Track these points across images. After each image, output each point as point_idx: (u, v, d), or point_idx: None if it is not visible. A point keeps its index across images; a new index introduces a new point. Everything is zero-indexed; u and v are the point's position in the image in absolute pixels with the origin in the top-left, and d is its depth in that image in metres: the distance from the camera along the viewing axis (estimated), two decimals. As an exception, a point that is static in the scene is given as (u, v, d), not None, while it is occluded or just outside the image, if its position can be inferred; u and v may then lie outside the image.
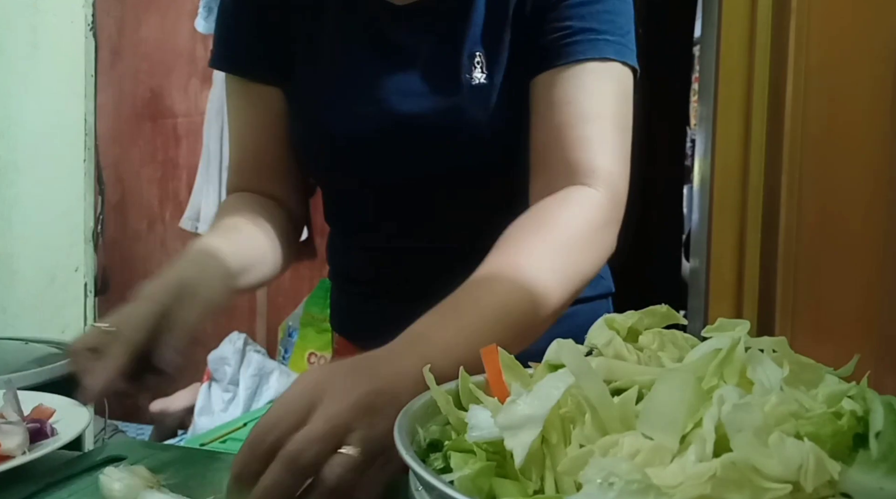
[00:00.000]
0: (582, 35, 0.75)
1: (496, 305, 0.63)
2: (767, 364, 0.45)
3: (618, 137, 0.76)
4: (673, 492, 0.36)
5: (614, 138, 0.75)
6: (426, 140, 0.80)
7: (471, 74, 0.78)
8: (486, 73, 0.78)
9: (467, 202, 0.83)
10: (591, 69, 0.75)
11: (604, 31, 0.75)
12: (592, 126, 0.74)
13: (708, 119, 1.57)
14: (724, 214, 1.54)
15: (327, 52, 0.83)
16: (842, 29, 1.39)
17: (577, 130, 0.74)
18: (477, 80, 0.78)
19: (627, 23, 0.78)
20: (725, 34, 1.52)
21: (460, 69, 0.78)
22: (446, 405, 0.51)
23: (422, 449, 0.48)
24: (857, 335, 1.34)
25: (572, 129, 0.74)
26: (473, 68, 0.78)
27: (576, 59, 0.75)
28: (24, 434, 0.68)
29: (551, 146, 0.75)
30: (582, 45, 0.75)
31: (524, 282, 0.65)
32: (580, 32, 0.75)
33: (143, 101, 3.18)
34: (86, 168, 3.03)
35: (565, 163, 0.74)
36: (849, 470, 0.38)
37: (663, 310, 0.58)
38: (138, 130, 3.19)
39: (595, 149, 0.74)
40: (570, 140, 0.74)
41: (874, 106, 1.32)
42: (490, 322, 0.62)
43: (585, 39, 0.75)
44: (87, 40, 3.08)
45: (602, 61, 0.75)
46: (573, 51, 0.75)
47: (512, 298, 0.64)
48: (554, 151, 0.75)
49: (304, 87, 0.84)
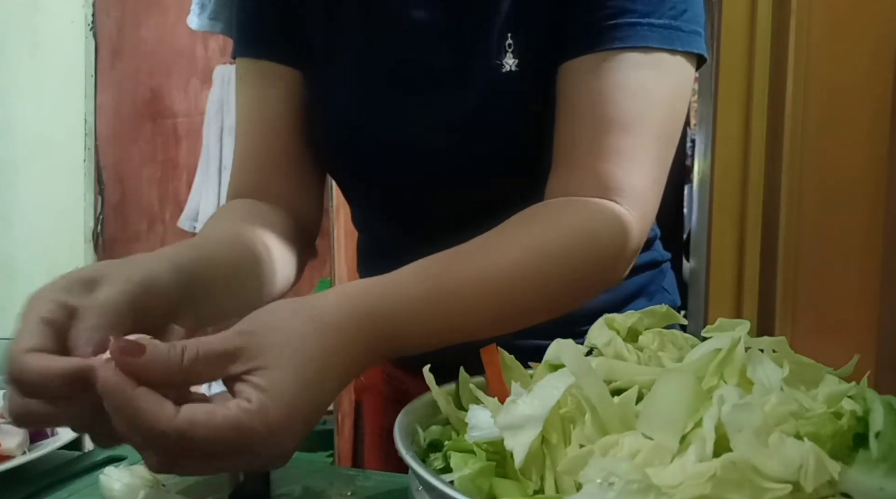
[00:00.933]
0: (622, 17, 0.64)
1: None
2: (767, 364, 0.45)
3: (658, 151, 0.66)
4: (673, 492, 0.36)
5: (653, 153, 0.66)
6: (447, 135, 0.73)
7: (501, 61, 0.69)
8: (518, 59, 0.69)
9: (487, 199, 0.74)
10: (634, 61, 0.64)
11: (649, 12, 0.64)
12: (629, 136, 0.64)
13: (708, 119, 1.56)
14: (724, 214, 1.54)
15: (344, 37, 0.77)
16: (842, 29, 1.39)
17: (612, 137, 0.64)
18: (508, 66, 0.69)
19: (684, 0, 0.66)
20: (725, 34, 1.51)
21: (489, 55, 0.70)
22: (446, 405, 0.51)
23: (422, 449, 0.48)
24: (857, 335, 1.35)
25: (607, 135, 0.64)
26: (504, 54, 0.70)
27: (612, 46, 0.65)
28: (24, 434, 0.68)
29: (580, 149, 0.66)
30: (622, 31, 0.64)
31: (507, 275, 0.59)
32: (621, 14, 0.64)
33: (143, 101, 3.18)
34: (86, 168, 3.03)
35: (594, 172, 0.65)
36: (849, 470, 0.38)
37: (663, 310, 0.58)
38: (138, 130, 3.19)
39: (629, 165, 0.64)
40: (603, 148, 0.64)
41: (874, 106, 1.32)
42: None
43: (626, 23, 0.64)
44: (87, 40, 3.08)
45: (645, 52, 0.64)
46: (611, 36, 0.65)
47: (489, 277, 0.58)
48: (583, 154, 0.66)
49: (323, 79, 0.79)
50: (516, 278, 0.59)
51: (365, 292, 0.53)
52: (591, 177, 0.65)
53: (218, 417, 0.41)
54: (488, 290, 0.57)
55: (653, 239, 0.85)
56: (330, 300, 0.51)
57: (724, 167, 1.53)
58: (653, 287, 0.85)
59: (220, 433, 0.41)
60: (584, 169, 0.65)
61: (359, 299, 0.52)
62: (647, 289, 0.84)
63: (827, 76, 1.41)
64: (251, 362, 0.44)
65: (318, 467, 0.68)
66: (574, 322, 0.63)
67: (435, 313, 0.55)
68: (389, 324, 0.52)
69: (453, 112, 0.72)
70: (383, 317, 0.52)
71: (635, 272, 0.71)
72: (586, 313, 0.63)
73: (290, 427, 0.44)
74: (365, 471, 0.67)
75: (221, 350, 0.44)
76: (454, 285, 0.56)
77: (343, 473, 0.67)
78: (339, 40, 0.78)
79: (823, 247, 1.41)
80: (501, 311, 0.59)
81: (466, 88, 0.71)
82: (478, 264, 0.58)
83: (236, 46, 0.82)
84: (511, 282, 0.58)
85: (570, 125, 0.67)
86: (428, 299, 0.55)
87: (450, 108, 0.72)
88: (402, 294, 0.54)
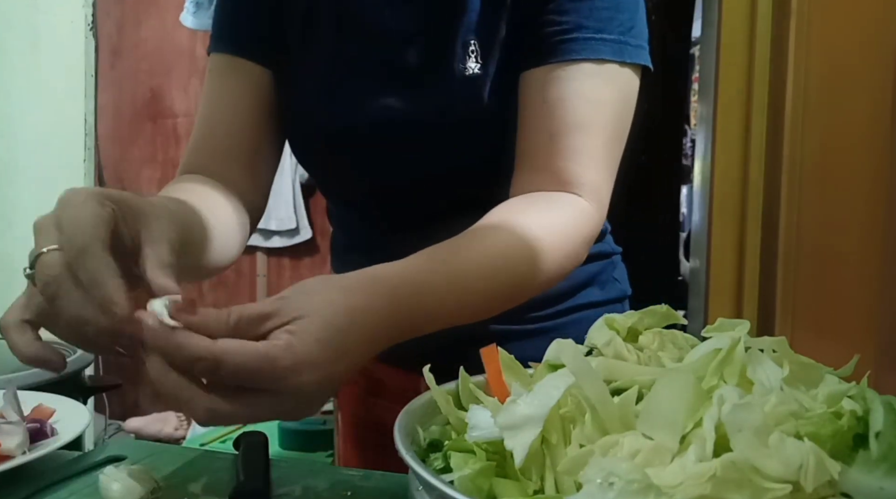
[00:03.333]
0: (578, 33, 0.72)
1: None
2: (767, 364, 0.45)
3: (609, 150, 0.73)
4: (673, 492, 0.36)
5: (606, 152, 0.73)
6: (413, 136, 0.77)
7: (464, 64, 0.75)
8: (480, 62, 0.75)
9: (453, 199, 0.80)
10: (587, 71, 0.72)
11: (601, 28, 0.72)
12: (585, 137, 0.71)
13: (708, 119, 1.57)
14: (724, 214, 1.54)
15: (318, 41, 0.81)
16: (842, 29, 1.39)
17: (569, 139, 0.71)
18: (470, 70, 0.75)
19: (631, 17, 0.73)
20: (725, 34, 1.52)
21: (454, 58, 0.75)
22: (446, 405, 0.51)
23: (422, 449, 0.48)
24: (857, 335, 1.35)
25: (564, 137, 0.71)
26: (467, 57, 0.75)
27: (570, 58, 0.72)
28: (24, 434, 0.68)
29: (541, 150, 0.73)
30: (578, 44, 0.72)
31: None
32: (576, 29, 0.72)
33: (143, 101, 3.18)
34: (86, 168, 3.03)
35: (554, 170, 0.72)
36: (849, 470, 0.38)
37: (663, 310, 0.58)
38: (138, 130, 3.19)
39: (585, 162, 0.71)
40: (561, 148, 0.71)
41: (874, 106, 1.32)
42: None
43: (581, 38, 0.72)
44: (87, 40, 3.08)
45: (598, 63, 0.72)
46: (568, 49, 0.72)
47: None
48: (543, 155, 0.72)
49: (296, 79, 0.82)
50: (515, 260, 0.64)
51: (388, 271, 0.56)
52: (551, 174, 0.72)
53: (249, 347, 0.46)
54: (492, 269, 0.62)
55: (604, 232, 0.91)
56: (357, 274, 0.55)
57: (724, 167, 1.54)
58: (604, 276, 0.90)
59: (251, 361, 0.45)
60: (545, 167, 0.72)
61: (383, 274, 0.56)
62: (598, 277, 0.89)
63: (827, 76, 1.41)
64: (284, 318, 0.48)
65: (318, 467, 0.68)
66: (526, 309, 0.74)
67: (448, 292, 0.59)
68: (412, 298, 0.55)
69: (418, 113, 0.77)
70: (407, 289, 0.55)
71: (587, 261, 0.76)
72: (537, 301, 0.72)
73: (314, 363, 0.47)
74: (365, 471, 0.67)
75: (261, 312, 0.48)
76: (463, 267, 0.61)
77: (343, 473, 0.67)
78: (314, 45, 0.81)
79: (823, 247, 1.41)
80: (501, 290, 0.64)
81: (431, 89, 0.76)
82: (478, 250, 0.63)
83: (212, 42, 0.85)
84: (509, 263, 0.64)
85: (531, 128, 0.74)
86: (440, 281, 0.58)
87: (415, 109, 0.77)
88: (419, 274, 0.58)
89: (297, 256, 2.98)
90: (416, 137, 0.78)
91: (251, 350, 0.45)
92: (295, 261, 2.99)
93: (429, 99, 0.76)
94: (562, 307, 0.85)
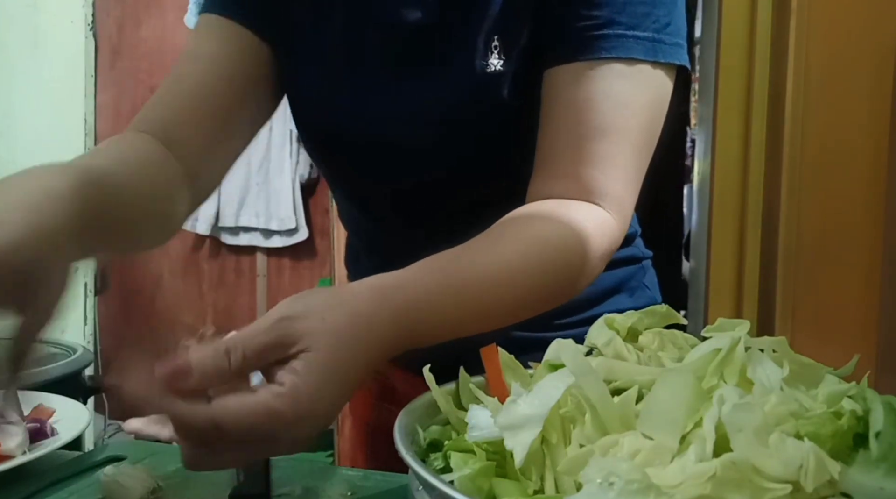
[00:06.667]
0: (609, 29, 0.66)
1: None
2: (767, 364, 0.45)
3: (637, 159, 0.69)
4: (673, 492, 0.36)
5: (633, 160, 0.68)
6: (422, 132, 0.74)
7: (486, 60, 0.70)
8: (504, 59, 0.70)
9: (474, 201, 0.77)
10: (617, 72, 0.66)
11: (635, 25, 0.66)
12: (611, 143, 0.67)
13: (708, 119, 1.56)
14: (724, 214, 1.54)
15: (328, 25, 0.77)
16: (841, 29, 1.39)
17: (595, 144, 0.66)
18: (493, 66, 0.70)
19: (669, 12, 0.68)
20: (725, 34, 1.51)
21: (476, 55, 0.70)
22: (446, 405, 0.51)
23: (422, 449, 0.48)
24: (857, 335, 1.35)
25: (590, 141, 0.66)
26: (489, 53, 0.70)
27: (598, 56, 0.66)
28: (24, 434, 0.68)
29: (563, 155, 0.68)
30: (608, 41, 0.66)
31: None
32: (607, 25, 0.66)
33: (143, 101, 3.14)
34: (86, 168, 3.02)
35: (576, 177, 0.67)
36: (849, 470, 0.38)
37: (663, 310, 0.58)
38: (138, 129, 3.19)
39: (610, 170, 0.67)
40: (585, 154, 0.67)
41: (874, 105, 1.32)
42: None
43: (612, 34, 0.66)
44: (87, 40, 3.08)
45: (629, 63, 0.66)
46: (597, 46, 0.66)
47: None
48: (565, 161, 0.68)
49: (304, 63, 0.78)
50: (519, 272, 0.61)
51: (393, 285, 0.55)
52: (573, 181, 0.67)
53: (249, 403, 0.45)
54: (495, 282, 0.60)
55: (633, 235, 0.86)
56: (362, 291, 0.53)
57: (724, 167, 1.53)
58: (633, 283, 0.85)
59: (252, 417, 0.44)
60: (567, 173, 0.67)
61: (390, 291, 0.54)
62: (627, 284, 0.84)
63: (827, 76, 1.41)
64: (291, 348, 0.47)
65: (318, 467, 0.68)
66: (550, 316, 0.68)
67: (448, 305, 0.57)
68: (413, 314, 0.54)
69: (435, 108, 0.73)
70: (408, 307, 0.54)
71: (614, 266, 0.73)
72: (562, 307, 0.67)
73: (315, 412, 0.47)
74: (365, 471, 0.67)
75: (264, 343, 0.47)
76: (463, 279, 0.58)
77: (343, 473, 0.67)
78: (323, 29, 0.77)
79: (823, 247, 1.41)
80: (506, 303, 0.61)
81: (450, 85, 0.72)
82: (483, 259, 0.60)
83: (205, 3, 0.78)
84: (513, 276, 0.61)
85: (554, 130, 0.69)
86: (442, 292, 0.57)
87: (432, 104, 0.73)
88: (421, 287, 0.56)
89: (297, 257, 2.98)
90: (431, 133, 0.74)
91: (251, 407, 0.45)
92: (295, 261, 2.99)
93: (446, 94, 0.72)
94: (587, 315, 0.80)
